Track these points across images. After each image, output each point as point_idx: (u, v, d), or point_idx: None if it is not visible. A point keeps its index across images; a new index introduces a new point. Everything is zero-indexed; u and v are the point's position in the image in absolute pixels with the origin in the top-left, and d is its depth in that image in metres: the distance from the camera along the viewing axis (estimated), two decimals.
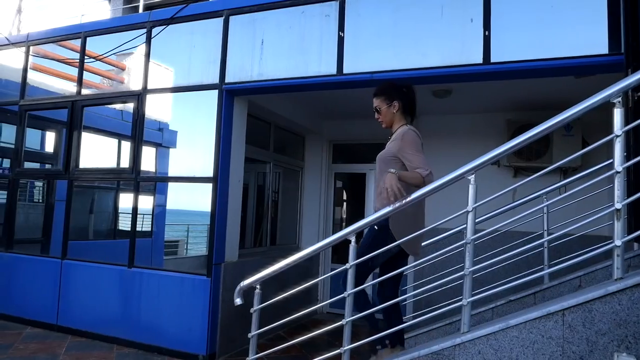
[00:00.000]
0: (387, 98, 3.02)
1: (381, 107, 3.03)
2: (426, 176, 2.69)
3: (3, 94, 6.75)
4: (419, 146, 2.83)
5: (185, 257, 11.44)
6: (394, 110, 3.01)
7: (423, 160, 2.76)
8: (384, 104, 3.02)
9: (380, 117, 3.06)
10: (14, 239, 6.40)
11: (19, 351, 4.85)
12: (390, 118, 3.03)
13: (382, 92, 3.06)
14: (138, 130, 5.43)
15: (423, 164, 2.73)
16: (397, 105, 3.00)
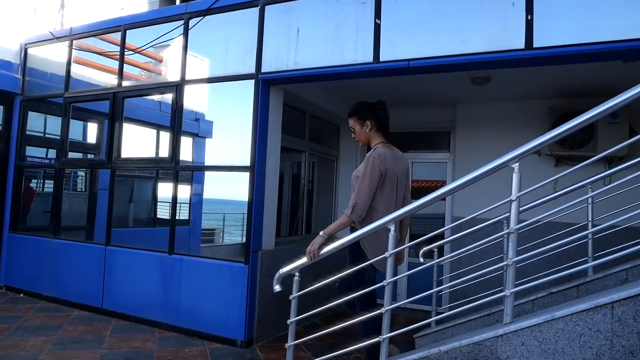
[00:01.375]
0: (360, 118, 3.10)
1: (355, 127, 3.12)
2: (351, 214, 2.87)
3: (49, 87, 6.99)
4: (373, 175, 2.88)
5: (222, 245, 11.66)
6: (367, 130, 3.08)
7: (360, 190, 2.88)
8: (357, 123, 3.11)
9: (356, 137, 3.16)
10: (61, 226, 6.67)
11: (67, 332, 5.09)
12: (365, 137, 3.11)
13: (355, 113, 3.14)
14: (177, 120, 5.53)
15: (355, 196, 2.89)
16: (370, 124, 3.07)
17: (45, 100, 7.11)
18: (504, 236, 3.78)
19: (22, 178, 7.22)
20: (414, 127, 7.20)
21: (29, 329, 5.12)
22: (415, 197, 7.12)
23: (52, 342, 4.74)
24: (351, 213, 2.86)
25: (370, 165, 2.87)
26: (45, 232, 6.73)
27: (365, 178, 2.87)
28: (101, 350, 4.58)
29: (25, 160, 7.19)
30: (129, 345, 4.75)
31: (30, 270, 6.68)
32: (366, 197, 2.87)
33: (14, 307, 6.02)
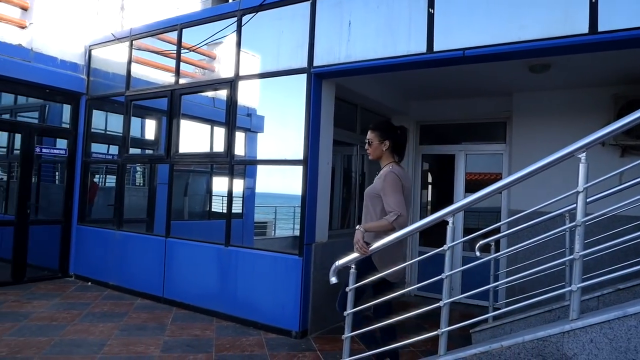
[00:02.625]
0: (381, 135, 3.20)
1: (373, 141, 3.21)
2: (394, 221, 2.94)
3: (111, 86, 7.34)
4: (398, 188, 3.02)
5: (274, 238, 11.88)
6: (384, 148, 3.20)
7: (398, 202, 2.97)
8: (377, 139, 3.20)
9: (370, 150, 3.25)
10: (123, 218, 7.01)
11: (132, 319, 5.36)
12: (378, 153, 3.22)
13: (378, 128, 3.25)
14: (231, 115, 5.66)
15: (396, 207, 2.95)
16: (388, 144, 3.19)
17: (108, 98, 7.47)
18: (566, 230, 3.66)
19: (88, 173, 7.64)
20: (467, 118, 7.03)
21: (97, 315, 5.43)
22: (469, 190, 6.98)
23: (118, 328, 5.01)
24: (395, 221, 2.96)
25: (392, 180, 3.02)
26: (109, 224, 7.10)
27: (394, 191, 3.01)
28: (163, 337, 4.79)
29: (91, 156, 7.59)
30: (189, 334, 4.95)
31: (96, 260, 7.08)
32: (403, 208, 3.00)
33: (83, 294, 6.41)
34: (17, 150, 7.73)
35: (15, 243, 6.79)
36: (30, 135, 7.03)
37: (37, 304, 5.77)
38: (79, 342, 4.52)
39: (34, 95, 7.37)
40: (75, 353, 4.21)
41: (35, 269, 7.11)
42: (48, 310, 5.55)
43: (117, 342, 4.56)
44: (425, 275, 6.67)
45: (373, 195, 3.16)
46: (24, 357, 4.06)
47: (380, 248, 2.97)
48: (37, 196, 7.44)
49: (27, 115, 9.22)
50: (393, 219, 2.96)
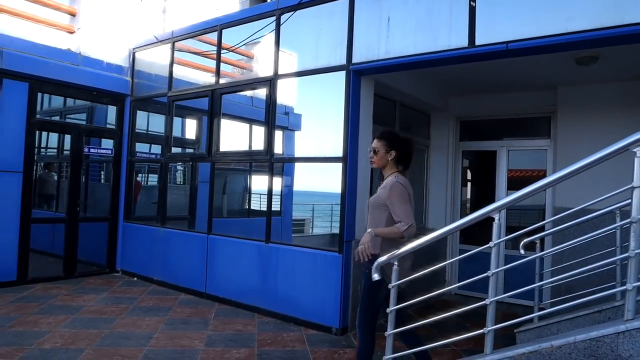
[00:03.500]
0: (388, 145, 3.18)
1: (379, 150, 3.19)
2: (404, 230, 2.96)
3: (154, 87, 7.56)
4: (405, 198, 3.05)
5: (312, 235, 11.94)
6: (389, 158, 3.18)
7: (406, 212, 3.00)
8: (383, 148, 3.18)
9: (375, 158, 3.22)
10: (166, 216, 7.21)
11: (177, 314, 5.51)
12: (383, 163, 3.20)
13: (386, 138, 3.21)
14: (271, 114, 5.73)
15: (405, 217, 2.98)
16: (394, 154, 3.17)
17: (151, 99, 7.69)
18: (617, 228, 3.51)
19: (133, 172, 7.90)
20: (510, 113, 6.85)
21: (143, 309, 5.61)
22: (512, 187, 6.79)
23: (164, 322, 5.16)
24: (405, 231, 2.98)
25: (399, 191, 3.03)
26: (153, 221, 7.32)
27: (402, 202, 3.03)
28: (207, 331, 4.91)
29: (135, 155, 7.83)
30: (231, 328, 5.05)
31: (141, 256, 7.32)
32: (412, 217, 3.02)
33: (130, 289, 6.64)
34: (67, 151, 8.07)
35: (66, 239, 7.11)
36: (79, 136, 7.32)
37: (87, 298, 6.02)
38: (127, 334, 4.68)
39: (82, 98, 7.68)
40: (124, 345, 4.37)
41: (85, 264, 7.42)
42: (97, 304, 5.78)
43: (163, 336, 4.70)
44: (466, 274, 6.56)
45: (378, 205, 3.15)
46: (77, 348, 4.25)
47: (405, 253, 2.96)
48: (85, 195, 7.75)
49: (74, 117, 9.61)
50: (404, 228, 2.99)
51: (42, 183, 8.31)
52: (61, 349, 4.21)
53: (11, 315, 5.16)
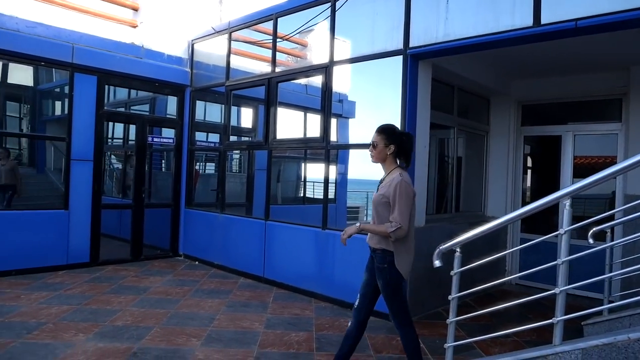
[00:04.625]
0: (387, 139, 3.15)
1: (378, 144, 3.16)
2: (392, 231, 2.94)
3: (212, 77, 7.75)
4: (409, 200, 3.02)
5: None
6: (388, 152, 3.15)
7: (403, 214, 2.96)
8: (382, 142, 3.15)
9: (374, 152, 3.20)
10: (225, 202, 7.42)
11: (237, 297, 5.69)
12: (382, 157, 3.18)
13: (385, 132, 3.19)
14: (327, 101, 5.73)
15: (400, 218, 2.95)
16: (393, 148, 3.15)
17: (209, 89, 7.89)
18: None
19: (193, 160, 8.17)
20: (577, 95, 6.50)
21: (205, 292, 5.83)
22: (578, 175, 6.46)
23: (225, 304, 5.34)
24: (393, 232, 2.95)
25: (405, 190, 3.00)
26: (212, 207, 7.56)
27: (406, 202, 2.99)
28: (266, 314, 5.04)
29: (195, 144, 8.10)
30: (289, 312, 5.15)
31: (202, 241, 7.59)
32: (408, 220, 3.00)
33: (192, 272, 6.92)
34: (132, 141, 8.46)
35: (133, 224, 7.49)
36: (143, 126, 7.65)
37: (153, 280, 6.33)
38: (191, 315, 4.89)
39: (145, 89, 8.01)
40: (189, 325, 4.57)
41: (150, 248, 7.79)
42: (163, 285, 6.06)
43: (225, 317, 4.87)
44: (528, 264, 6.35)
45: (383, 202, 3.09)
46: (146, 326, 4.49)
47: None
48: (149, 182, 8.10)
49: (137, 109, 10.05)
50: (392, 229, 2.95)
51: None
52: (132, 326, 4.46)
53: (86, 293, 5.52)
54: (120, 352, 3.84)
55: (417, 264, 4.93)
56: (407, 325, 3.14)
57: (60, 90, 12.74)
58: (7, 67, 11.50)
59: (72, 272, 6.54)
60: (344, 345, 3.27)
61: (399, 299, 3.12)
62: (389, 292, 3.10)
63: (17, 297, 5.25)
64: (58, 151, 11.40)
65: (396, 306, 3.13)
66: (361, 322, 3.31)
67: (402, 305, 3.15)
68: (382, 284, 3.11)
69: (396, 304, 3.13)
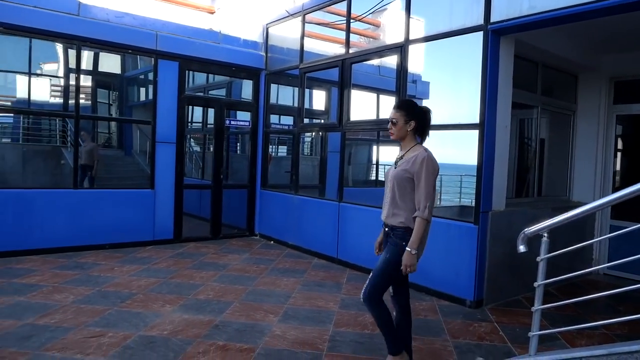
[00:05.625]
0: (407, 115, 3.02)
1: (398, 121, 3.03)
2: (427, 215, 2.87)
3: (286, 60, 7.85)
4: (434, 177, 2.93)
5: (438, 207, 11.66)
6: (409, 129, 3.03)
7: (429, 194, 2.88)
8: (402, 118, 3.02)
9: (393, 129, 3.07)
10: (299, 184, 7.56)
11: (311, 276, 5.81)
12: (402, 134, 3.05)
13: (404, 108, 3.06)
14: (402, 81, 5.62)
15: (428, 199, 2.87)
16: (414, 124, 3.02)
17: (283, 72, 8.00)
18: None
19: (268, 142, 8.37)
20: None
21: (281, 271, 6.01)
22: None
23: (300, 283, 5.47)
24: (427, 214, 2.88)
25: (433, 167, 2.92)
26: (286, 189, 7.72)
27: (430, 179, 2.90)
28: (340, 295, 5.10)
29: (270, 127, 8.28)
30: None
31: (277, 221, 7.80)
32: (433, 196, 2.93)
33: (267, 251, 7.15)
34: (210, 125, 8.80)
35: (212, 204, 7.84)
36: (221, 110, 7.93)
37: (231, 257, 6.61)
38: (268, 292, 5.06)
39: (223, 73, 8.28)
40: (266, 302, 4.74)
41: (228, 227, 8.13)
42: (240, 263, 6.32)
43: (300, 296, 4.99)
44: (619, 253, 5.91)
45: (405, 179, 2.95)
46: (227, 300, 4.71)
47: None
48: (226, 164, 8.42)
49: (214, 93, 10.41)
50: (425, 214, 2.87)
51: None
52: (213, 301, 4.70)
53: (171, 268, 5.88)
54: (204, 323, 4.06)
55: (496, 249, 4.81)
56: (379, 303, 3.01)
57: (144, 77, 13.52)
58: (97, 56, 12.38)
59: (158, 248, 6.99)
60: (402, 336, 3.19)
61: (393, 277, 3.03)
62: (389, 269, 2.98)
63: (111, 269, 5.70)
64: (143, 134, 12.15)
65: (384, 283, 3.02)
66: (404, 306, 3.22)
67: (389, 285, 3.09)
68: (389, 258, 2.98)
69: (383, 282, 3.02)
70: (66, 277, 5.28)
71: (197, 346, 3.58)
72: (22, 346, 3.45)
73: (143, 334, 3.77)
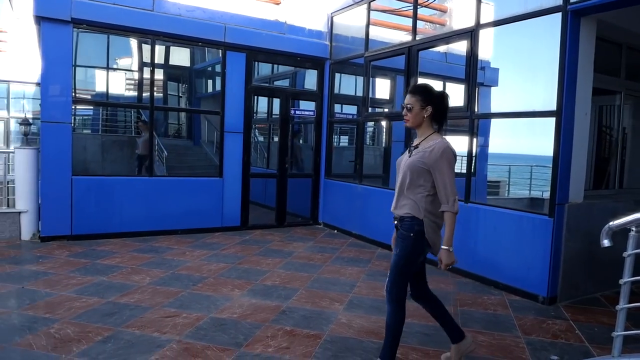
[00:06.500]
0: (423, 100, 2.84)
1: (414, 107, 2.85)
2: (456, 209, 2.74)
3: (350, 49, 7.80)
4: (454, 168, 2.77)
5: (507, 198, 11.23)
6: (425, 114, 2.85)
7: (453, 186, 2.74)
8: (418, 104, 2.84)
9: (409, 116, 2.88)
10: (362, 174, 7.53)
11: (375, 266, 5.80)
12: (418, 121, 2.87)
13: (420, 92, 2.87)
14: (472, 67, 5.42)
15: (453, 191, 2.74)
16: (430, 110, 2.84)
17: (347, 61, 7.96)
18: None
19: (332, 132, 8.39)
20: None
21: (345, 260, 6.03)
22: None
23: (364, 273, 5.47)
24: (457, 207, 2.75)
25: (451, 157, 2.78)
26: (350, 178, 7.72)
27: (452, 170, 2.76)
28: None
29: (334, 116, 8.28)
30: (429, 285, 5.08)
31: (340, 210, 7.83)
32: (455, 188, 2.77)
33: (331, 240, 7.20)
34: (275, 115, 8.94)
35: (277, 193, 8.00)
36: (287, 100, 8.03)
37: (296, 245, 6.72)
38: (332, 280, 5.10)
39: (288, 64, 8.38)
40: (331, 290, 4.78)
41: (292, 215, 8.26)
42: (305, 251, 6.41)
43: (365, 285, 4.99)
44: None
45: (420, 169, 2.78)
46: (292, 287, 4.80)
47: None
48: (290, 153, 8.55)
49: (278, 83, 10.55)
50: (454, 208, 2.73)
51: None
52: (280, 287, 4.80)
53: (238, 254, 6.07)
54: (271, 309, 4.16)
55: (572, 243, 4.56)
56: (400, 303, 2.89)
57: (211, 69, 13.96)
58: (168, 50, 12.91)
59: (226, 234, 7.24)
60: (443, 325, 3.19)
61: (408, 272, 2.91)
62: (403, 263, 2.85)
63: (183, 254, 5.97)
64: (210, 125, 12.58)
65: (401, 279, 2.88)
66: (427, 297, 3.19)
67: (407, 280, 2.94)
68: (399, 253, 2.86)
69: (402, 277, 2.88)
70: (143, 260, 5.60)
71: (266, 330, 3.68)
72: (105, 322, 3.71)
73: (214, 316, 3.93)
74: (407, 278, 2.93)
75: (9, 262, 5.34)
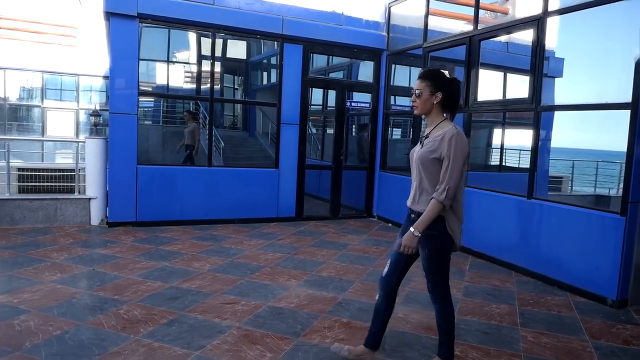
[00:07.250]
0: (433, 86, 2.68)
1: (423, 92, 2.69)
2: (445, 198, 2.55)
3: (408, 40, 7.66)
4: (464, 156, 2.59)
5: (570, 195, 10.73)
6: (435, 101, 2.69)
7: (455, 176, 2.56)
8: (428, 90, 2.69)
9: (417, 102, 2.72)
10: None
11: None
12: (427, 107, 2.72)
13: (431, 77, 2.70)
14: (538, 56, 5.18)
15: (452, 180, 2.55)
16: (440, 96, 2.68)
17: (405, 53, 7.83)
18: None
19: (388, 124, 8.30)
20: None
21: None
22: None
23: (420, 267, 5.34)
24: (446, 198, 2.54)
25: (462, 145, 2.59)
26: (405, 172, 7.61)
27: (458, 160, 2.57)
28: (464, 282, 4.95)
29: (390, 108, 8.18)
30: (488, 283, 4.96)
31: (395, 203, 7.76)
32: (458, 179, 2.59)
33: (385, 233, 7.15)
34: (331, 107, 8.93)
35: (332, 185, 8.03)
36: (342, 91, 8.02)
37: (350, 237, 6.73)
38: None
39: (345, 55, 8.34)
40: None
41: (346, 208, 8.27)
42: (360, 244, 6.40)
43: (421, 280, 4.83)
44: None
45: (431, 160, 2.64)
46: (348, 279, 4.81)
47: None
48: (345, 145, 8.54)
49: (333, 75, 10.54)
50: (444, 197, 2.54)
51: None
52: (335, 278, 4.83)
53: (294, 244, 6.15)
54: (327, 300, 4.19)
55: None
56: (445, 299, 2.81)
57: (267, 62, 14.13)
58: (225, 42, 13.18)
59: (281, 225, 7.35)
60: (375, 322, 3.03)
61: (445, 268, 2.80)
62: (435, 261, 2.76)
63: (240, 242, 6.13)
64: (265, 117, 12.76)
65: (439, 277, 2.80)
66: (390, 293, 3.00)
67: (446, 277, 2.81)
68: (429, 253, 2.74)
69: (439, 275, 2.80)
70: (202, 247, 5.79)
71: (322, 321, 3.72)
72: (169, 306, 3.87)
73: (272, 305, 4.01)
74: (446, 273, 2.85)
75: (81, 245, 5.67)
